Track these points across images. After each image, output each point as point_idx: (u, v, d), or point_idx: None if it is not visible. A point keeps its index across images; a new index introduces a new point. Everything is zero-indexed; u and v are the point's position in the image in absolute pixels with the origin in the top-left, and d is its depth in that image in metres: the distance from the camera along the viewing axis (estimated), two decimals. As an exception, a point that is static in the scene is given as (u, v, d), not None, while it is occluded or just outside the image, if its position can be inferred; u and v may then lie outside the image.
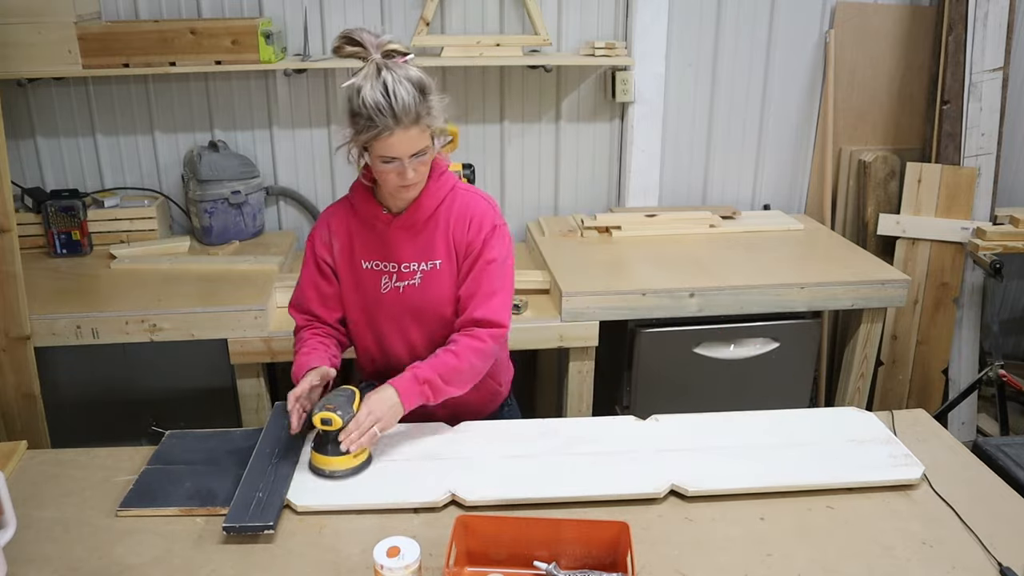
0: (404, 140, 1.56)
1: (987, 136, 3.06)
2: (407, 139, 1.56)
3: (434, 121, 1.59)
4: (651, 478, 1.55)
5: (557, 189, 3.22)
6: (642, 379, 2.63)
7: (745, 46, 3.13)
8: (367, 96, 1.52)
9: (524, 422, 1.79)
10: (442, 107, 1.61)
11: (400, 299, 1.76)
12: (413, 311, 1.77)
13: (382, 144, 1.56)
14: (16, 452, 1.67)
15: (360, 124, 1.55)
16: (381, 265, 1.75)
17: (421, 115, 1.55)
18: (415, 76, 1.56)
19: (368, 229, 1.76)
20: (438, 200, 1.73)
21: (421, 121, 1.56)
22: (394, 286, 1.75)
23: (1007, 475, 1.64)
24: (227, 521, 1.42)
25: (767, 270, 2.66)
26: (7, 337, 2.22)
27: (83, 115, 2.93)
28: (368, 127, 1.54)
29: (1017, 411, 3.37)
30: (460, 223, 1.74)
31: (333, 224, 1.78)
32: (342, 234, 1.77)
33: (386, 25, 2.93)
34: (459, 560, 1.35)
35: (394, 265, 1.75)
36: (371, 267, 1.76)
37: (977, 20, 2.98)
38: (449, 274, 1.76)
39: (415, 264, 1.74)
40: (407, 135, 1.55)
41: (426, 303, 1.76)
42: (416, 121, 1.55)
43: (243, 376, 2.44)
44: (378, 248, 1.75)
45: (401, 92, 1.52)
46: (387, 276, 1.75)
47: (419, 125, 1.56)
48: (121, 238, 2.86)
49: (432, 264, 1.75)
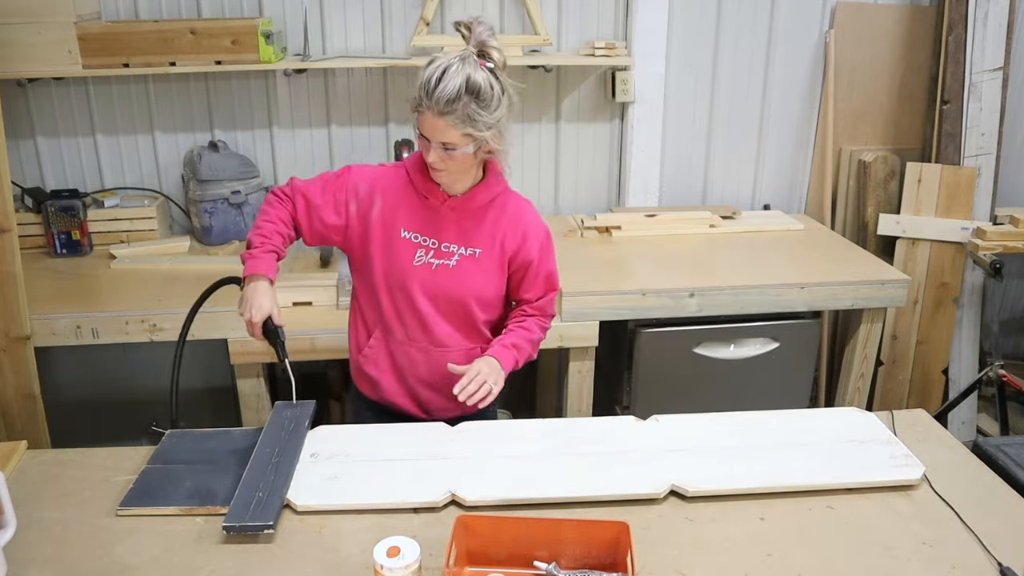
0: (432, 125, 1.61)
1: (987, 136, 3.06)
2: (435, 126, 1.60)
3: (471, 126, 1.61)
4: (651, 478, 1.55)
5: (557, 189, 3.22)
6: (642, 379, 2.63)
7: (745, 46, 3.13)
8: (428, 70, 1.59)
9: (524, 422, 1.79)
10: (493, 123, 1.64)
11: (431, 276, 1.78)
12: (440, 291, 1.79)
13: (419, 118, 1.63)
14: (16, 452, 1.67)
15: (415, 91, 1.61)
16: (421, 238, 1.77)
17: (456, 112, 1.58)
18: (477, 79, 1.58)
19: (419, 200, 1.78)
20: (492, 195, 1.79)
21: (453, 117, 1.58)
22: (428, 261, 1.78)
23: (1007, 475, 1.63)
24: (227, 521, 1.42)
25: (767, 270, 2.66)
26: (7, 337, 2.22)
27: (83, 115, 2.93)
28: (415, 95, 1.61)
29: (1017, 411, 3.37)
30: (513, 227, 1.80)
31: (381, 185, 1.80)
32: (390, 197, 1.79)
33: (386, 25, 2.93)
34: (459, 560, 1.34)
35: (434, 241, 1.78)
36: (410, 237, 1.78)
37: (977, 20, 2.98)
38: (487, 268, 1.80)
39: (455, 246, 1.78)
40: (435, 123, 1.60)
41: (455, 286, 1.79)
42: (446, 114, 1.58)
43: (243, 376, 2.44)
44: (423, 221, 1.78)
45: (450, 82, 1.56)
46: (423, 250, 1.78)
47: (448, 120, 1.58)
48: (121, 238, 2.86)
49: (472, 251, 1.79)
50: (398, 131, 3.04)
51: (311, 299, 2.54)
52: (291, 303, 2.53)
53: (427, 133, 1.63)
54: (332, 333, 2.36)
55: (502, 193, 1.82)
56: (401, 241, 1.78)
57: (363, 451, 1.65)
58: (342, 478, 1.56)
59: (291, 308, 2.52)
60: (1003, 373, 2.95)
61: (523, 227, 1.82)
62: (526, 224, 1.83)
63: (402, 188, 1.80)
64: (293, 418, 1.73)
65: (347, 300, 1.91)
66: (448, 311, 1.82)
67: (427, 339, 1.84)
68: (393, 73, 2.98)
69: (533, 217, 1.86)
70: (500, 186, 1.82)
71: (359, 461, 1.62)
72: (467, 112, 1.59)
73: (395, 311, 1.83)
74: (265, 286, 1.72)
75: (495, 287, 1.84)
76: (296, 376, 1.73)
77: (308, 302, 2.54)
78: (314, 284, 2.55)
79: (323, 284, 2.55)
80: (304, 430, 1.69)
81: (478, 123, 1.61)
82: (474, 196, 1.78)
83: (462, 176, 1.74)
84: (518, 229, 1.81)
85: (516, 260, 1.82)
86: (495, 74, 1.63)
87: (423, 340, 1.84)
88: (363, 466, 1.60)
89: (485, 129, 1.63)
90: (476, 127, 1.61)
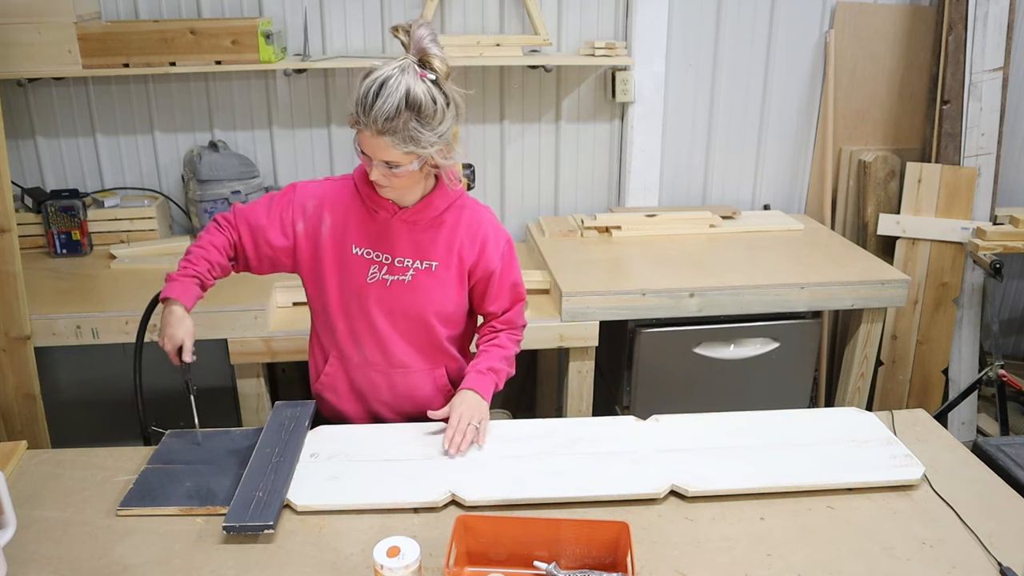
0: (372, 144, 1.51)
1: (987, 136, 3.06)
2: (375, 145, 1.51)
3: (412, 145, 1.50)
4: (651, 478, 1.55)
5: (557, 189, 3.22)
6: (642, 379, 2.63)
7: (745, 46, 3.13)
8: (363, 83, 1.48)
9: (524, 422, 1.79)
10: (437, 139, 1.52)
11: (386, 292, 1.71)
12: (397, 308, 1.72)
13: (358, 132, 1.52)
14: (16, 452, 1.67)
15: (350, 102, 1.51)
16: (373, 254, 1.70)
17: (396, 131, 1.47)
18: (417, 93, 1.47)
19: (368, 214, 1.69)
20: (447, 203, 1.70)
21: (393, 137, 1.48)
22: (382, 278, 1.70)
23: (1007, 475, 1.64)
24: (227, 520, 1.42)
25: (767, 270, 2.66)
26: (7, 337, 2.22)
27: (83, 115, 2.93)
28: (352, 109, 1.50)
29: (1017, 411, 3.38)
30: (470, 237, 1.72)
31: (328, 200, 1.71)
32: (339, 212, 1.70)
33: (386, 25, 2.93)
34: (459, 560, 1.35)
35: (387, 257, 1.70)
36: (361, 254, 1.70)
37: (977, 20, 2.98)
38: (445, 281, 1.72)
39: (409, 260, 1.70)
40: (375, 141, 1.50)
41: (412, 303, 1.71)
42: (385, 133, 1.48)
43: (243, 376, 2.44)
44: (374, 236, 1.69)
45: (389, 99, 1.45)
46: (376, 266, 1.70)
47: (388, 139, 1.49)
48: (121, 238, 2.86)
49: (428, 264, 1.71)
50: (398, 131, 3.03)
51: (311, 299, 2.54)
52: (291, 303, 2.53)
53: (367, 151, 1.53)
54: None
55: (457, 200, 1.71)
56: (353, 258, 1.70)
57: (363, 451, 1.65)
58: (342, 478, 1.56)
59: (291, 308, 2.53)
60: (1003, 373, 2.95)
61: (482, 236, 1.72)
62: (484, 232, 1.72)
63: (350, 202, 1.70)
64: (293, 418, 1.73)
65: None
66: (407, 329, 1.74)
67: (386, 361, 1.77)
68: (393, 73, 2.98)
69: (492, 225, 1.75)
70: (454, 194, 1.70)
71: (359, 461, 1.62)
72: (407, 130, 1.48)
73: (351, 333, 1.75)
74: (180, 313, 1.62)
75: (455, 301, 1.75)
76: (198, 409, 1.69)
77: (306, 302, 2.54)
78: (314, 284, 2.55)
79: (323, 284, 2.55)
80: (304, 430, 1.70)
81: (420, 141, 1.50)
82: (427, 206, 1.68)
83: (410, 190, 1.64)
84: (476, 238, 1.71)
85: (476, 271, 1.74)
86: (438, 85, 1.51)
87: (382, 362, 1.77)
88: (363, 466, 1.60)
89: (429, 146, 1.52)
90: (419, 145, 1.50)
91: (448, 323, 1.78)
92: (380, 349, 1.76)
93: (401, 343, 1.76)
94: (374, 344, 1.76)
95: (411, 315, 1.73)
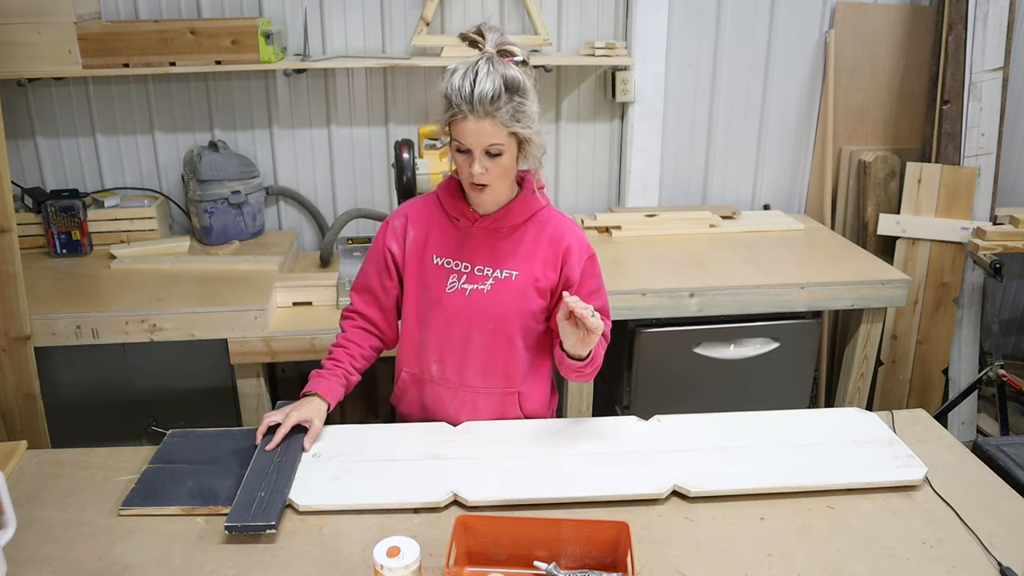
0: (476, 130, 1.52)
1: (987, 136, 3.06)
2: (479, 130, 1.52)
3: (515, 124, 1.53)
4: (653, 479, 1.55)
5: (557, 189, 3.22)
6: (642, 379, 2.63)
7: (745, 46, 3.13)
8: (455, 78, 1.52)
9: (525, 422, 1.79)
10: (534, 119, 1.56)
11: (464, 302, 1.69)
12: (475, 317, 1.70)
13: (457, 129, 1.54)
14: (16, 452, 1.67)
15: (444, 104, 1.54)
16: (452, 263, 1.69)
17: (500, 109, 1.51)
18: (512, 75, 1.52)
19: (450, 223, 1.71)
20: (530, 212, 1.69)
21: (498, 116, 1.51)
22: (460, 287, 1.69)
23: (1007, 475, 1.64)
24: (229, 520, 1.42)
25: (767, 270, 2.66)
26: (7, 337, 2.22)
27: (83, 115, 2.93)
28: (447, 107, 1.54)
29: (1017, 411, 3.38)
30: (553, 248, 1.70)
31: (412, 213, 1.74)
32: (421, 225, 1.73)
33: (386, 25, 2.94)
34: (459, 560, 1.35)
35: (467, 265, 1.69)
36: (441, 263, 1.70)
37: (977, 20, 2.98)
38: (526, 291, 1.69)
39: (489, 269, 1.69)
40: (480, 126, 1.52)
41: (492, 311, 1.69)
42: (491, 114, 1.51)
43: (243, 376, 2.44)
44: (454, 245, 1.70)
45: (486, 82, 1.49)
46: (456, 275, 1.69)
47: (494, 120, 1.51)
48: (121, 238, 2.86)
49: (508, 274, 1.69)
50: (398, 131, 3.04)
51: (311, 299, 2.54)
52: (291, 303, 2.53)
53: (470, 141, 1.54)
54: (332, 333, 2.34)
55: (542, 211, 1.71)
56: (433, 268, 1.70)
57: (364, 451, 1.65)
58: (343, 478, 1.57)
59: (291, 308, 2.53)
60: (1003, 373, 2.95)
61: (564, 247, 1.70)
62: (568, 244, 1.70)
63: (432, 214, 1.73)
64: (294, 418, 1.73)
65: (347, 300, 1.90)
66: (483, 344, 1.72)
67: (458, 378, 1.75)
68: (393, 73, 2.98)
69: (576, 237, 1.72)
70: (537, 204, 1.71)
71: (360, 461, 1.62)
72: (511, 108, 1.52)
73: (425, 347, 1.75)
74: (318, 405, 1.69)
75: (534, 313, 1.72)
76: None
77: (308, 302, 2.54)
78: (314, 284, 2.55)
79: (323, 284, 2.55)
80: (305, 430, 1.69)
81: (522, 118, 1.54)
82: (507, 213, 1.68)
83: (504, 187, 1.64)
84: (559, 249, 1.70)
85: (558, 283, 1.71)
86: (524, 69, 1.57)
87: (453, 379, 1.75)
88: (364, 466, 1.60)
89: (530, 124, 1.56)
90: (521, 123, 1.54)
91: (526, 336, 1.74)
92: (454, 363, 1.75)
93: (476, 359, 1.74)
94: (448, 358, 1.75)
95: (489, 326, 1.70)
